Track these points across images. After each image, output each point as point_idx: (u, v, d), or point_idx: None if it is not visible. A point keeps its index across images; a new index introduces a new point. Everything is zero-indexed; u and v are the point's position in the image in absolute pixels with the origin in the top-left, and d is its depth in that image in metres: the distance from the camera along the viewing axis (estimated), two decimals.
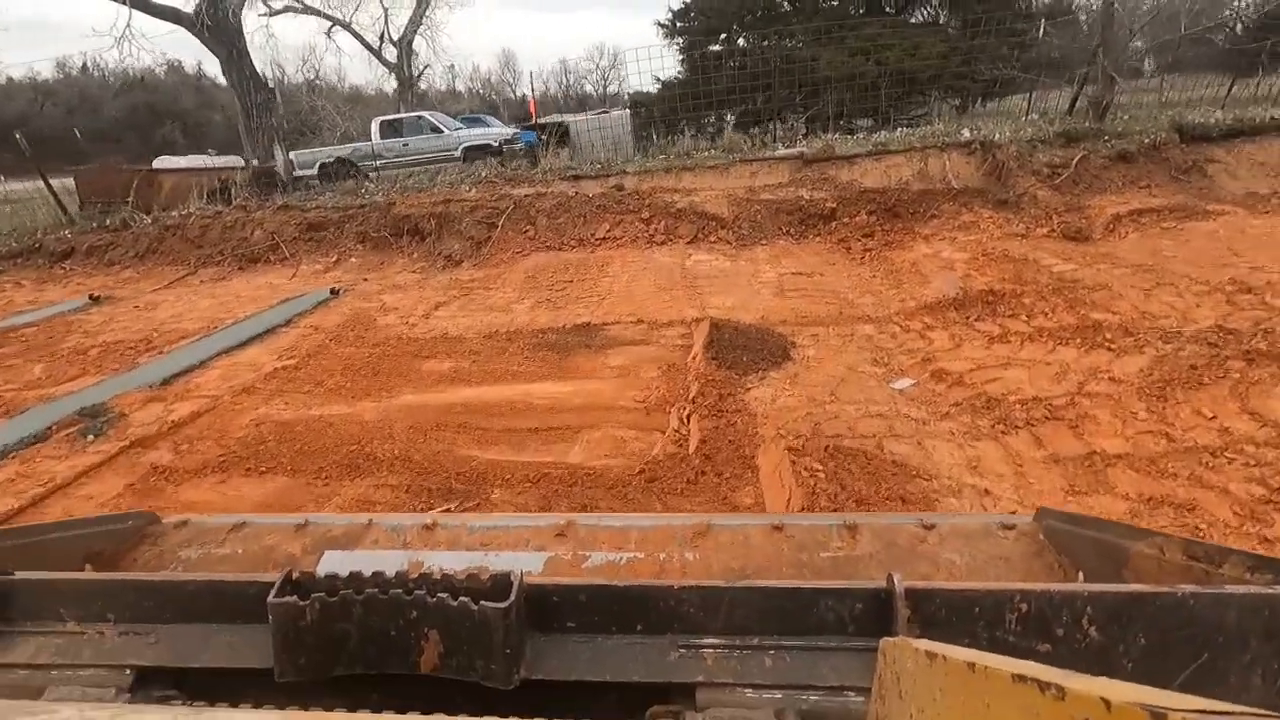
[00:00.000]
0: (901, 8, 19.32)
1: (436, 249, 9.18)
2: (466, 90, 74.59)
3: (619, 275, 7.77)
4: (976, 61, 16.00)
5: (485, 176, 10.64)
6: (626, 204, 9.32)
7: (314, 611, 0.72)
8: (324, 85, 35.54)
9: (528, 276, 8.09)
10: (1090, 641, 0.71)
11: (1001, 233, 7.36)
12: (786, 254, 8.06)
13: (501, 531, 1.22)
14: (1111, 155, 8.19)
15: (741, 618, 0.76)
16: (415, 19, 28.51)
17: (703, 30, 18.45)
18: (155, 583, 0.87)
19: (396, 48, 29.16)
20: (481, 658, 0.72)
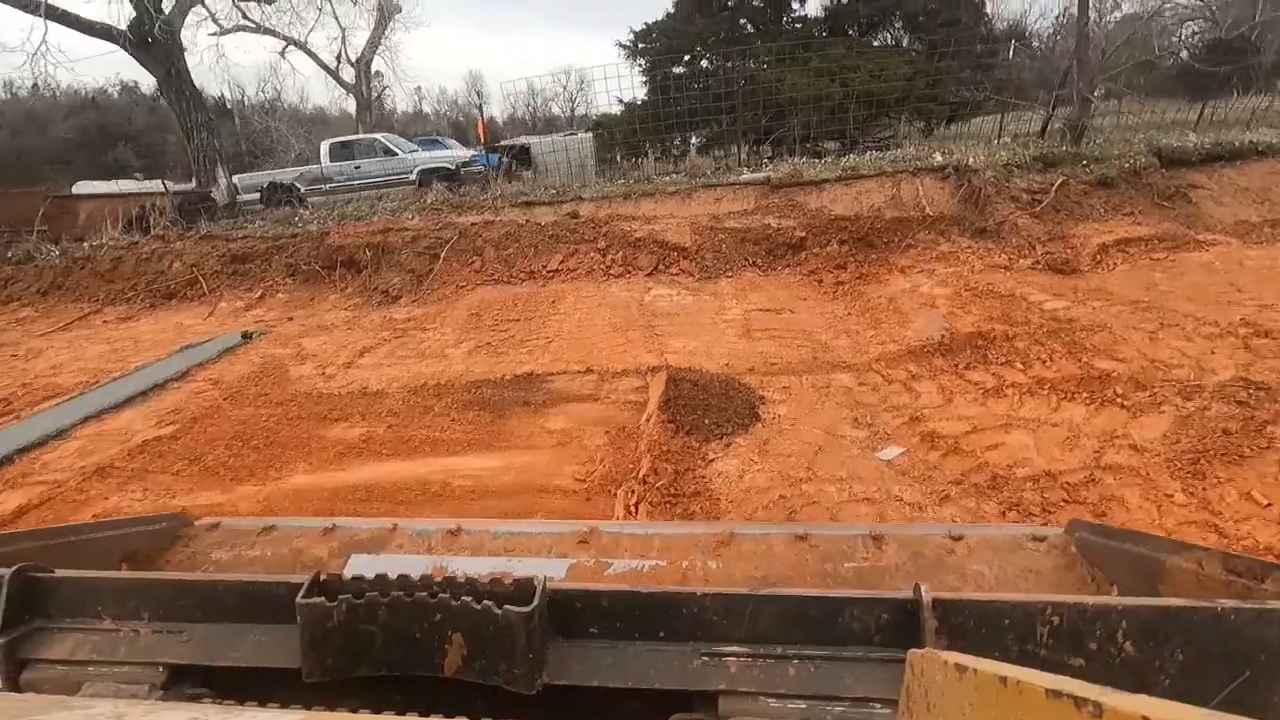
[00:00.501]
0: (865, 30, 19.17)
1: (373, 283, 8.36)
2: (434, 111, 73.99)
3: (570, 313, 7.05)
4: (941, 84, 15.81)
5: (431, 203, 9.87)
6: (582, 233, 8.63)
7: (340, 613, 0.75)
8: (281, 106, 34.50)
9: (470, 314, 7.32)
10: (1125, 657, 0.69)
11: (983, 264, 6.83)
12: (753, 287, 7.43)
13: (525, 538, 1.24)
14: (1091, 181, 7.78)
15: (765, 626, 0.76)
16: (373, 40, 27.77)
17: (665, 51, 18.02)
18: (188, 582, 0.92)
19: (355, 68, 28.34)
20: (505, 662, 0.74)
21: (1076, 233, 7.08)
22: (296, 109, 39.03)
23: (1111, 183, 7.75)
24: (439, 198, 9.94)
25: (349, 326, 7.26)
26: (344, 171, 18.06)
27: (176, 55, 18.29)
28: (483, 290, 8.05)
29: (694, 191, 9.32)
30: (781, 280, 7.57)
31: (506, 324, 6.90)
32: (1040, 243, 6.93)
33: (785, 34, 18.37)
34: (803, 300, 6.92)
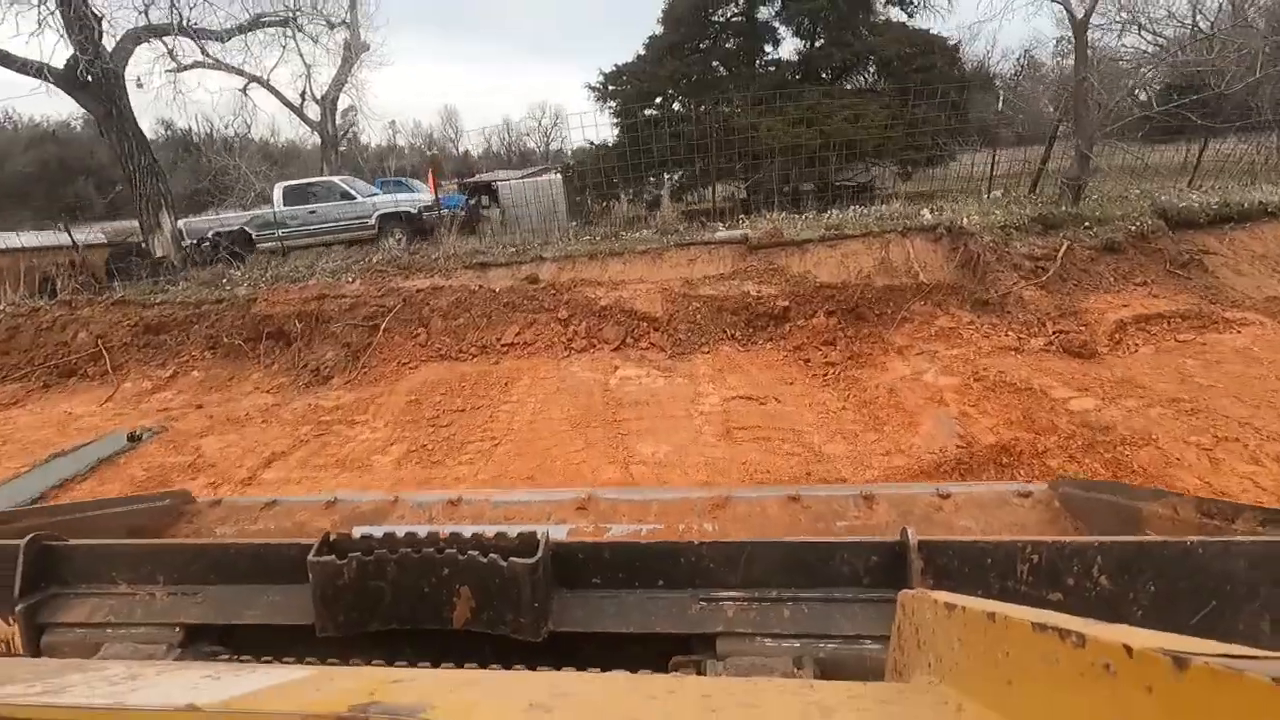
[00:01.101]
0: (838, 75, 18.87)
1: (303, 359, 7.36)
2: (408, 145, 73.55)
3: (524, 400, 6.13)
4: (919, 133, 15.40)
5: (376, 263, 8.94)
6: (541, 300, 7.75)
7: (351, 570, 0.79)
8: (251, 141, 33.36)
9: (409, 401, 6.35)
10: (1100, 591, 0.74)
11: (990, 345, 6.07)
12: (732, 367, 6.59)
13: (524, 506, 1.30)
14: (1097, 246, 7.13)
15: (760, 572, 0.81)
16: (339, 78, 27.05)
17: (636, 95, 17.47)
18: (202, 546, 0.97)
19: (320, 106, 27.54)
20: (511, 612, 0.78)
21: (1088, 306, 6.38)
22: (267, 144, 37.99)
23: (1119, 248, 7.11)
24: (385, 257, 9.01)
25: (265, 419, 6.24)
26: (298, 216, 17.08)
27: (119, 94, 17.27)
28: (427, 369, 7.10)
29: (666, 251, 8.52)
30: (764, 358, 6.74)
31: (449, 416, 5.95)
32: (1051, 319, 6.21)
33: (759, 78, 17.97)
34: (789, 385, 6.08)
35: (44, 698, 0.51)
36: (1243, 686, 0.29)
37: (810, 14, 17.67)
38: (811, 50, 18.60)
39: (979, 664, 0.50)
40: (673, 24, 17.93)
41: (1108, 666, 0.36)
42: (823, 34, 18.39)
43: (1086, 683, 0.38)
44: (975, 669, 0.51)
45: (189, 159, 34.57)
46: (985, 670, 0.49)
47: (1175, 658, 0.32)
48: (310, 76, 27.36)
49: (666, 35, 18.07)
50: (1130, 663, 0.35)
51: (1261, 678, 0.29)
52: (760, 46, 18.96)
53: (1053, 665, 0.41)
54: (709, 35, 18.90)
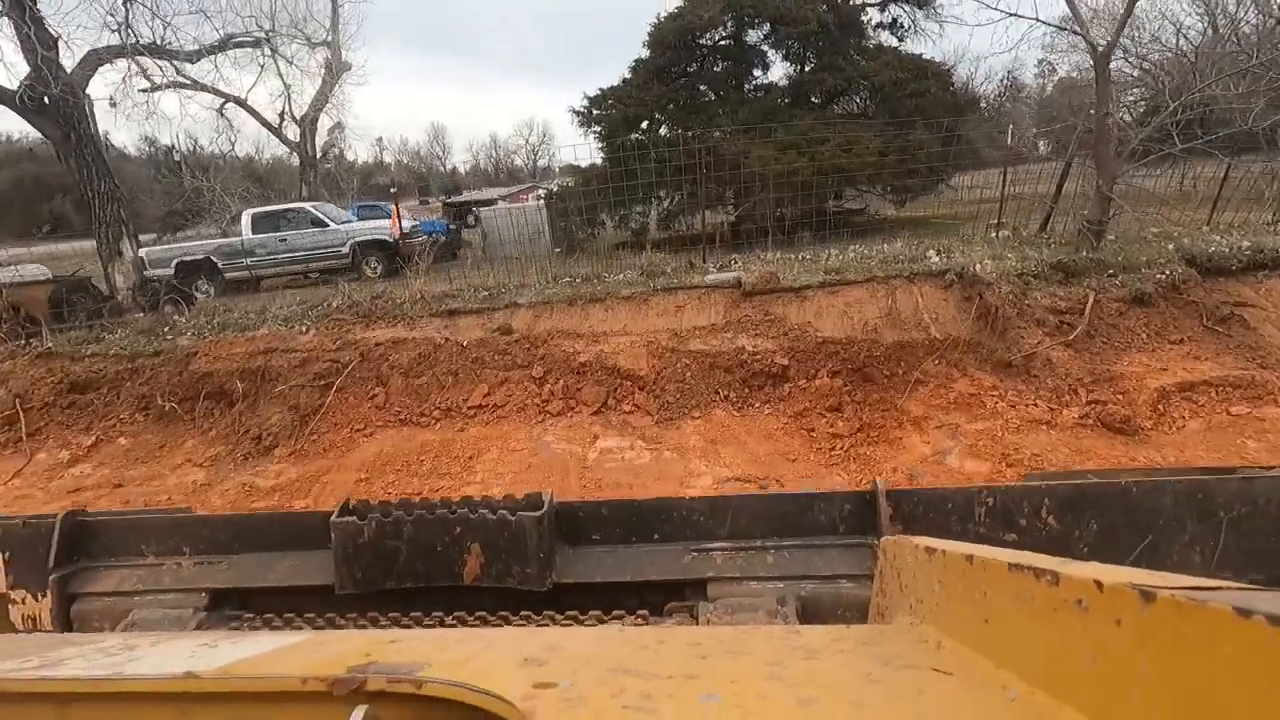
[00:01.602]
0: (829, 100, 18.40)
1: (244, 425, 6.55)
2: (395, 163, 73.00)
3: (489, 482, 5.36)
4: (914, 160, 14.88)
5: (335, 309, 8.15)
6: (514, 355, 7.00)
7: (370, 530, 0.88)
8: (230, 160, 32.43)
9: (360, 479, 5.57)
10: (1049, 530, 0.84)
11: (1018, 417, 5.38)
12: (727, 437, 5.86)
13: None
14: (1125, 297, 6.49)
15: (746, 523, 0.90)
16: (320, 97, 26.36)
17: (621, 119, 16.87)
18: (228, 517, 1.12)
19: (299, 126, 26.80)
20: (518, 564, 0.85)
21: (1123, 370, 5.72)
22: (252, 161, 37.12)
23: (1149, 299, 6.48)
24: (345, 301, 8.24)
25: (195, 501, 5.42)
26: (267, 245, 16.29)
27: (79, 118, 16.45)
28: (384, 436, 6.31)
29: (652, 297, 7.81)
30: (762, 425, 6.01)
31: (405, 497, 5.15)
32: (1084, 385, 5.53)
33: (748, 103, 17.45)
34: (791, 463, 5.36)
35: (40, 671, 0.52)
36: (1206, 616, 0.30)
37: (800, 38, 17.20)
38: (802, 75, 18.13)
39: (958, 604, 0.52)
40: (659, 47, 17.39)
41: (1080, 602, 0.37)
42: (813, 58, 17.93)
43: (1060, 618, 0.39)
44: (954, 609, 0.53)
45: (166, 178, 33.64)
46: (964, 610, 0.51)
47: (1143, 591, 0.33)
48: (289, 96, 26.65)
49: (653, 59, 17.53)
50: (1101, 597, 0.36)
51: (1224, 607, 0.30)
52: (749, 71, 18.47)
53: (1028, 603, 0.42)
54: (696, 59, 18.39)
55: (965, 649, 0.50)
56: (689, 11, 16.91)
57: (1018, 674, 0.44)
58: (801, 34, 16.70)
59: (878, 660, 0.51)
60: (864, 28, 18.12)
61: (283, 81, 25.82)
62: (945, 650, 0.51)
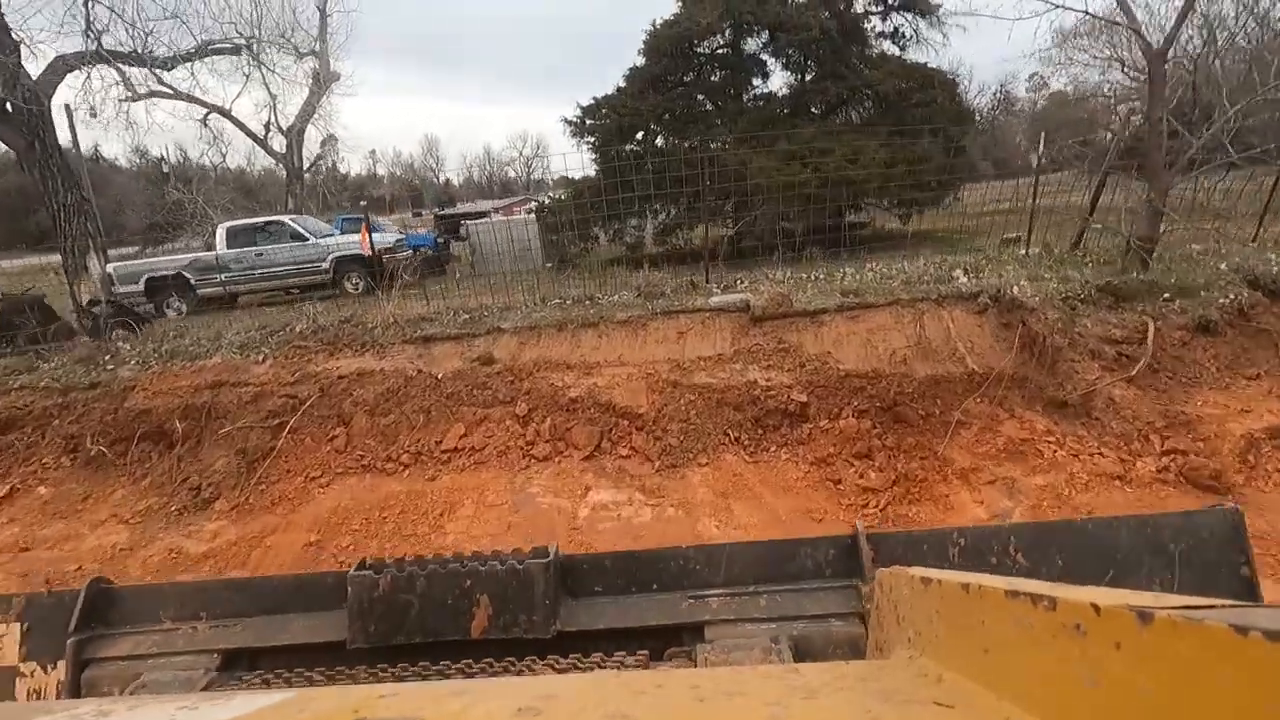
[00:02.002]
0: (831, 109, 17.74)
1: (182, 471, 5.69)
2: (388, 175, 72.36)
3: (464, 548, 4.51)
4: (922, 171, 14.19)
5: (298, 334, 7.31)
6: (495, 389, 6.18)
7: (385, 582, 0.88)
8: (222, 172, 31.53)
9: (310, 542, 4.72)
10: (1019, 566, 0.86)
11: (1084, 470, 4.58)
12: (739, 488, 5.04)
13: None
14: (1188, 325, 5.74)
15: (739, 569, 0.92)
16: (307, 108, 25.63)
17: (615, 129, 16.15)
18: (244, 581, 1.08)
19: (285, 136, 26.03)
20: (525, 613, 0.86)
21: (1199, 412, 4.94)
22: (243, 173, 36.30)
23: (1214, 328, 5.72)
24: (310, 325, 7.39)
25: (110, 571, 4.55)
26: (243, 260, 15.47)
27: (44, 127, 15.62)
28: (342, 486, 5.46)
29: (650, 321, 7.00)
30: (779, 475, 5.20)
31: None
32: (1156, 431, 4.75)
33: (747, 112, 16.78)
34: (817, 522, 4.54)
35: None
36: (1204, 634, 0.30)
37: (800, 46, 16.55)
38: (803, 84, 17.48)
39: (956, 635, 0.51)
40: (655, 55, 16.72)
41: (1078, 626, 0.37)
42: (814, 67, 17.28)
43: (1059, 643, 0.39)
44: (953, 640, 0.52)
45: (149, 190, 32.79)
46: (963, 640, 0.51)
47: (1140, 613, 0.33)
48: (275, 107, 25.92)
49: (648, 67, 16.85)
50: (1099, 621, 0.36)
51: (1220, 624, 0.30)
52: (748, 80, 17.81)
53: (1027, 630, 0.42)
54: (693, 67, 17.73)
55: (966, 681, 0.49)
56: (686, 18, 16.27)
57: (1019, 704, 0.43)
58: (802, 42, 16.04)
59: (878, 697, 0.52)
60: (866, 36, 17.51)
61: (268, 91, 25.10)
62: (946, 683, 0.51)
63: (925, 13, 17.79)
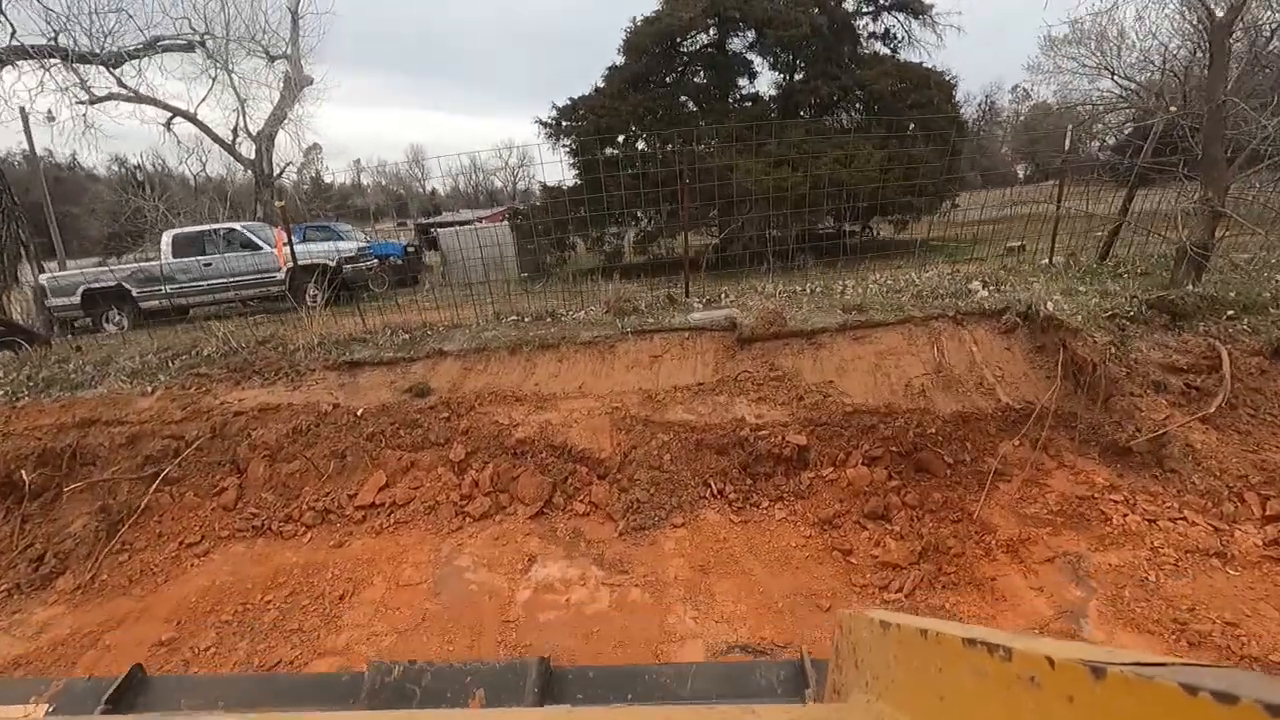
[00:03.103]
0: (821, 111, 16.85)
1: (26, 537, 4.52)
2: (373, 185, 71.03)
3: (358, 649, 3.40)
4: (918, 174, 13.26)
5: (205, 357, 6.17)
6: (427, 428, 5.07)
7: (399, 669, 0.94)
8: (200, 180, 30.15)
9: (157, 646, 3.58)
10: None
11: (1170, 544, 3.54)
12: (723, 560, 3.96)
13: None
14: (1264, 349, 4.73)
15: (702, 687, 0.99)
16: (278, 113, 24.47)
17: (593, 131, 15.13)
18: (267, 676, 1.25)
19: (255, 142, 24.83)
20: (515, 703, 0.92)
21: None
22: (223, 180, 35.02)
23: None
24: (220, 348, 6.25)
25: None
26: (190, 270, 14.29)
27: None
28: (223, 557, 4.32)
29: (620, 342, 5.93)
30: (773, 540, 4.12)
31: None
32: (1251, 488, 3.72)
33: (733, 114, 15.83)
34: (824, 611, 3.47)
35: None
36: (1155, 692, 0.31)
37: (789, 45, 15.66)
38: (791, 84, 16.57)
39: (913, 680, 0.50)
40: (635, 54, 15.76)
41: (1033, 679, 0.37)
42: (803, 66, 16.39)
43: (1013, 695, 0.39)
44: (910, 686, 0.51)
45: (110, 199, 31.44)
46: (919, 686, 0.50)
47: (1093, 667, 0.33)
48: (244, 111, 24.76)
49: (628, 66, 15.89)
50: (1053, 674, 0.36)
51: (1170, 683, 0.30)
52: (734, 80, 16.90)
53: (982, 679, 0.42)
54: (676, 67, 16.79)
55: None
56: (667, 14, 15.33)
57: None
58: (791, 40, 15.14)
59: None
60: (858, 34, 16.66)
61: (236, 95, 23.95)
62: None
63: (918, 13, 17.01)
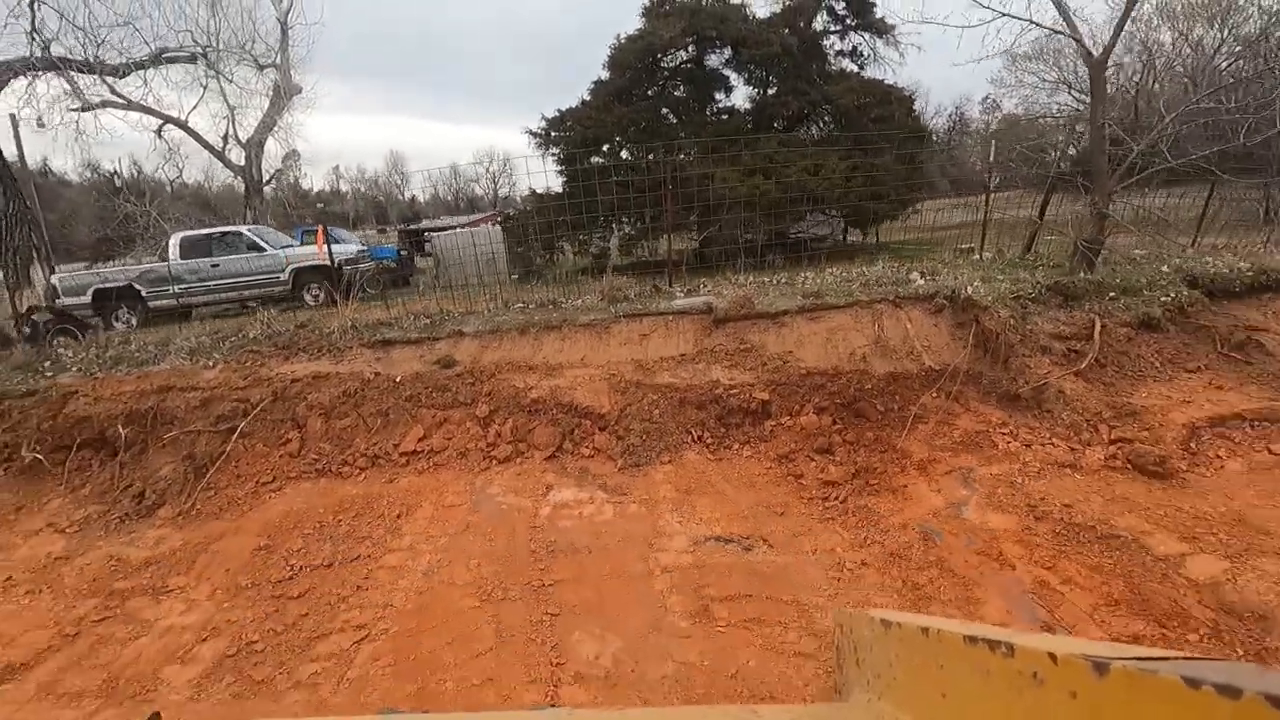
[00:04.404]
0: (793, 124, 18.11)
1: (125, 479, 5.46)
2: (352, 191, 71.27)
3: (419, 547, 4.40)
4: (881, 184, 14.52)
5: (252, 339, 7.11)
6: (456, 391, 6.08)
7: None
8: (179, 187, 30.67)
9: (259, 547, 4.55)
10: None
11: (1036, 459, 4.68)
12: (702, 484, 5.02)
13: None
14: (1132, 322, 5.93)
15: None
16: (267, 120, 25.19)
17: (580, 141, 16.21)
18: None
19: (244, 149, 25.53)
20: None
21: (1143, 403, 5.09)
22: (201, 188, 35.45)
23: (1157, 324, 5.93)
24: (265, 330, 7.20)
25: (37, 585, 4.32)
26: (198, 271, 15.09)
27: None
28: (295, 491, 5.29)
29: (614, 324, 6.98)
30: (741, 471, 5.19)
31: (307, 577, 4.16)
32: (1104, 421, 4.88)
33: (710, 126, 17.02)
34: (779, 516, 4.54)
35: None
36: (1157, 686, 0.31)
37: (762, 62, 16.90)
38: (764, 98, 17.82)
39: (915, 679, 0.51)
40: (619, 69, 16.89)
41: (1035, 675, 0.37)
42: (775, 82, 17.66)
43: (1016, 691, 0.39)
44: (911, 684, 0.52)
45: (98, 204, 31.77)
46: (921, 685, 0.50)
47: (1095, 663, 0.33)
48: (234, 119, 25.45)
49: (613, 80, 17.02)
50: (1056, 670, 0.36)
51: (1173, 677, 0.30)
52: (711, 94, 18.12)
53: (984, 676, 0.42)
54: (657, 81, 17.96)
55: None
56: (649, 33, 16.49)
57: None
58: (764, 58, 16.38)
59: None
60: (825, 53, 17.97)
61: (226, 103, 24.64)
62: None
63: (881, 32, 18.34)
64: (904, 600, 3.45)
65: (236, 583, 4.17)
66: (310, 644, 3.51)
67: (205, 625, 3.75)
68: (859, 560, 3.91)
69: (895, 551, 3.93)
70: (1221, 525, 3.75)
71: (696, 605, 3.62)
